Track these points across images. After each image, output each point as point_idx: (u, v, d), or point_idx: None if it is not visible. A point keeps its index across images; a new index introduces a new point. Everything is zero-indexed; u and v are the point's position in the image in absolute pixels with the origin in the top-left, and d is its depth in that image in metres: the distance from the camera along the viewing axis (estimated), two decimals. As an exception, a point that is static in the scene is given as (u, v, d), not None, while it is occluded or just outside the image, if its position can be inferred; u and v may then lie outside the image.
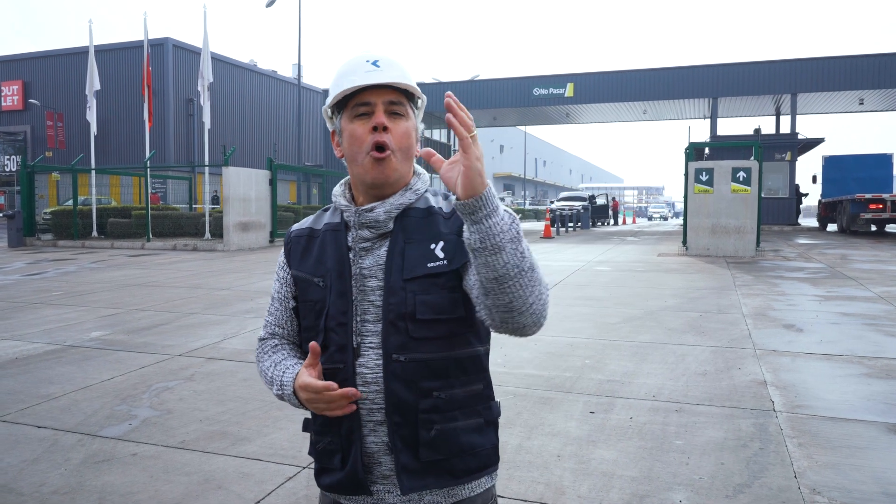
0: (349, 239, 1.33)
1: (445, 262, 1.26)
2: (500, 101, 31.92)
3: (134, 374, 4.75)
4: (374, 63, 1.28)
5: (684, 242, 14.24)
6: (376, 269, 1.29)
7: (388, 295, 1.26)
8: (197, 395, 4.24)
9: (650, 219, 57.36)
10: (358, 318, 1.28)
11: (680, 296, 8.17)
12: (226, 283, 9.80)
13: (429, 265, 1.26)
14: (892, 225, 21.42)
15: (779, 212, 26.80)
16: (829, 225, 26.37)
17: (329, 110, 1.34)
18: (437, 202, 1.35)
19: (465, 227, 1.11)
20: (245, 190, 16.63)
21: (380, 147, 1.26)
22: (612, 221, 39.33)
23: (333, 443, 1.32)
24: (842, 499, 2.74)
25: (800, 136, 27.80)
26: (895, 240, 18.63)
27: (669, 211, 70.40)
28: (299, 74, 28.23)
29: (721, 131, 31.49)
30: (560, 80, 31.04)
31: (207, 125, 18.60)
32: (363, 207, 1.31)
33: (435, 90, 34.45)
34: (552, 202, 34.12)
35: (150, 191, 18.70)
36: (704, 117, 34.33)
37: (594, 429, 3.57)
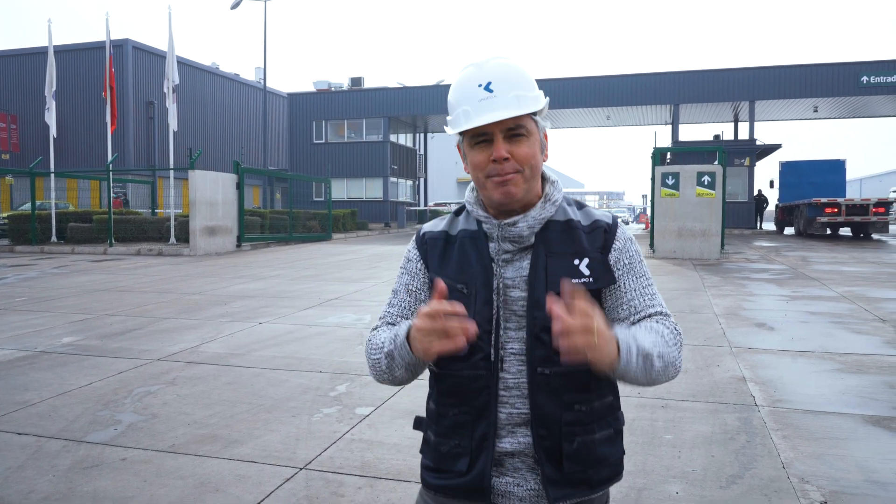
0: (490, 249, 1.32)
1: (591, 279, 1.29)
2: (467, 106, 32.01)
3: (113, 378, 4.64)
4: (488, 87, 1.25)
5: (651, 245, 14.50)
6: (519, 280, 1.30)
7: (533, 308, 1.27)
8: (181, 399, 4.17)
9: None
10: (497, 329, 1.29)
11: (652, 297, 8.31)
12: (196, 287, 9.64)
13: (574, 281, 1.27)
14: (845, 228, 22.14)
15: (738, 215, 27.51)
16: (786, 228, 27.14)
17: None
18: (574, 213, 1.35)
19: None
20: (212, 194, 16.38)
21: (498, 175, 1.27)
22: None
23: (462, 446, 1.31)
24: (830, 487, 2.83)
25: (758, 142, 28.62)
26: (850, 242, 19.29)
27: (630, 215, 71.41)
28: (265, 79, 27.98)
29: (682, 137, 32.17)
30: (526, 85, 31.28)
31: (174, 127, 18.27)
32: (506, 221, 1.30)
33: (400, 95, 34.48)
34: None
35: (112, 195, 18.27)
36: (666, 123, 35.06)
37: (585, 425, 3.62)
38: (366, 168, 35.35)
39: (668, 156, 23.79)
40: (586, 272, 1.28)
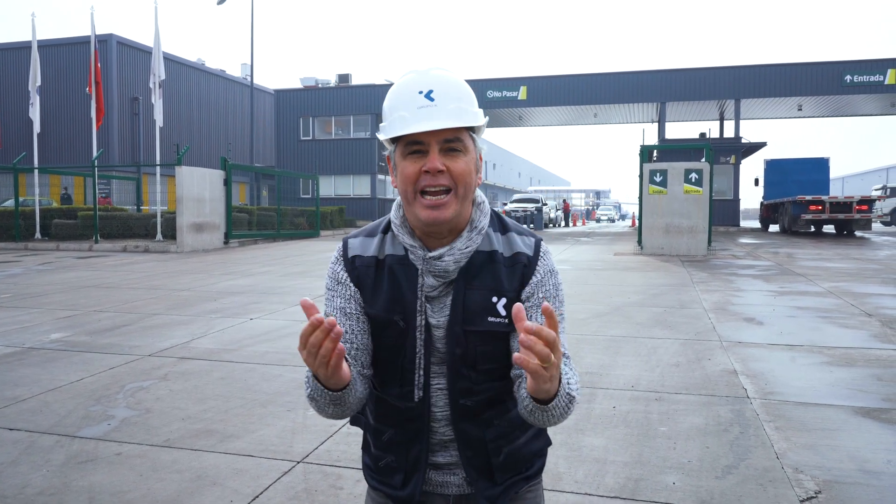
0: (417, 283, 1.29)
1: (506, 321, 1.27)
2: (454, 104, 31.98)
3: (104, 374, 4.60)
4: (428, 95, 1.20)
5: (639, 242, 14.58)
6: (443, 320, 1.29)
7: (453, 344, 1.28)
8: (174, 394, 4.15)
9: (598, 221, 58.36)
10: (423, 361, 1.30)
11: (642, 292, 8.37)
12: (185, 283, 9.57)
13: (489, 319, 1.27)
14: (829, 225, 22.39)
15: (724, 213, 27.73)
16: (770, 226, 27.39)
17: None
18: (497, 242, 1.32)
19: (524, 393, 1.18)
20: (199, 190, 16.26)
21: (430, 192, 1.22)
22: (563, 223, 39.92)
23: (398, 462, 1.35)
24: (823, 477, 2.87)
25: (743, 140, 28.84)
26: (834, 239, 19.51)
27: (616, 213, 71.66)
28: (252, 75, 27.79)
29: (668, 135, 32.37)
30: (514, 83, 31.41)
31: (160, 123, 18.10)
32: (431, 255, 1.26)
33: (383, 92, 34.37)
34: (505, 204, 34.44)
35: (97, 191, 18.09)
36: (652, 121, 35.23)
37: (580, 418, 3.65)
38: (353, 165, 35.25)
39: (655, 153, 23.93)
40: (503, 312, 1.26)
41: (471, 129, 1.25)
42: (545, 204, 34.87)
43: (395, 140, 1.24)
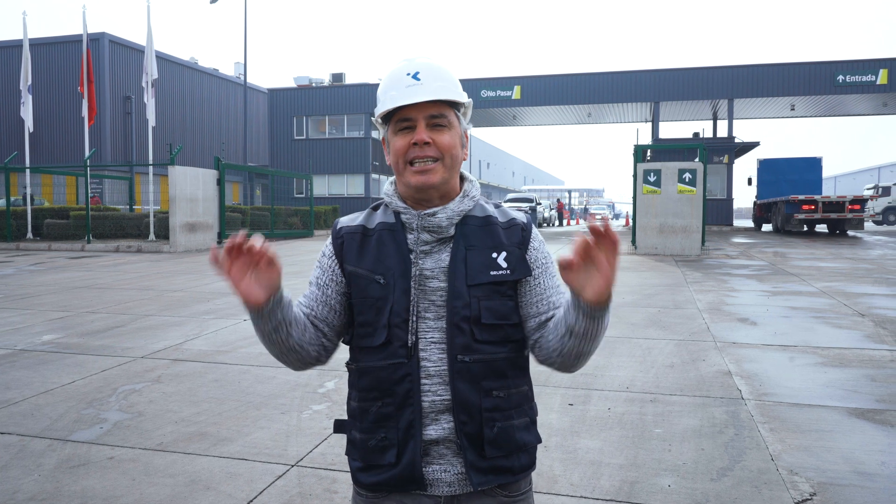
0: (408, 240, 1.35)
1: (508, 271, 1.34)
2: (448, 103, 31.98)
3: (96, 377, 4.57)
4: (415, 76, 1.31)
5: (633, 242, 14.61)
6: (438, 271, 1.33)
7: (453, 298, 1.31)
8: (167, 396, 4.12)
9: None
10: (414, 317, 1.32)
11: (636, 292, 8.38)
12: (178, 284, 9.53)
13: (492, 273, 1.33)
14: (822, 225, 22.48)
15: (717, 212, 27.81)
16: (763, 225, 27.49)
17: (379, 119, 1.38)
18: (492, 210, 1.41)
19: (574, 313, 1.24)
20: (192, 190, 16.19)
21: (419, 161, 1.32)
22: (557, 223, 39.96)
23: (388, 438, 1.33)
24: (818, 479, 2.87)
25: (737, 140, 28.92)
26: (827, 239, 19.59)
27: (610, 212, 71.65)
28: (245, 74, 27.69)
29: (662, 135, 32.43)
30: (508, 82, 31.42)
31: (152, 122, 18.02)
32: (426, 212, 1.34)
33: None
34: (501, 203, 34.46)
35: (89, 191, 17.99)
36: (646, 121, 35.31)
37: (575, 420, 3.64)
38: (347, 164, 35.18)
39: (649, 153, 23.97)
40: (504, 265, 1.34)
41: (456, 109, 1.36)
42: (539, 203, 34.91)
43: (387, 121, 1.36)
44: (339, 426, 1.44)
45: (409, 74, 1.31)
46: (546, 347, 1.33)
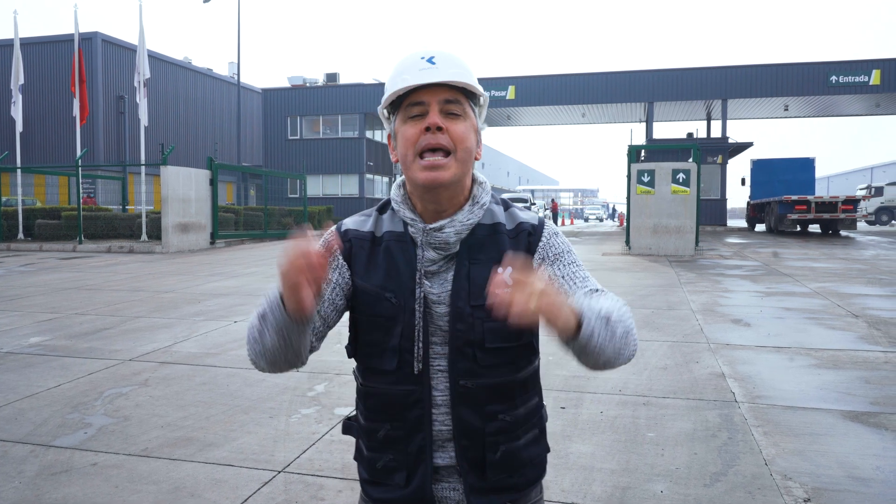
0: (417, 255, 1.27)
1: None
2: (443, 103, 31.95)
3: (82, 380, 4.50)
4: (430, 60, 1.22)
5: (627, 242, 14.59)
6: (444, 295, 1.25)
7: (455, 321, 1.23)
8: (154, 400, 4.06)
9: (586, 220, 58.34)
10: (420, 343, 1.24)
11: (629, 293, 8.35)
12: (169, 285, 9.45)
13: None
14: (815, 225, 22.53)
15: (711, 213, 27.84)
16: (757, 225, 27.53)
17: (385, 111, 1.29)
18: (501, 216, 1.30)
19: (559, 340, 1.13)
20: (185, 190, 16.09)
21: (432, 150, 1.20)
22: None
23: (397, 460, 1.27)
24: (812, 483, 2.83)
25: (730, 140, 28.97)
26: (820, 239, 19.63)
27: (605, 212, 71.56)
28: (238, 74, 27.59)
29: (656, 135, 32.49)
30: (502, 82, 31.39)
31: (144, 122, 17.91)
32: (432, 227, 1.24)
33: (376, 91, 34.26)
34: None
35: (81, 191, 17.86)
36: (640, 121, 35.34)
37: (567, 423, 3.60)
38: (341, 164, 35.10)
39: (643, 153, 23.97)
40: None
41: (471, 101, 1.26)
42: (534, 203, 34.98)
43: (395, 112, 1.26)
44: (347, 428, 1.39)
45: (423, 58, 1.22)
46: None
